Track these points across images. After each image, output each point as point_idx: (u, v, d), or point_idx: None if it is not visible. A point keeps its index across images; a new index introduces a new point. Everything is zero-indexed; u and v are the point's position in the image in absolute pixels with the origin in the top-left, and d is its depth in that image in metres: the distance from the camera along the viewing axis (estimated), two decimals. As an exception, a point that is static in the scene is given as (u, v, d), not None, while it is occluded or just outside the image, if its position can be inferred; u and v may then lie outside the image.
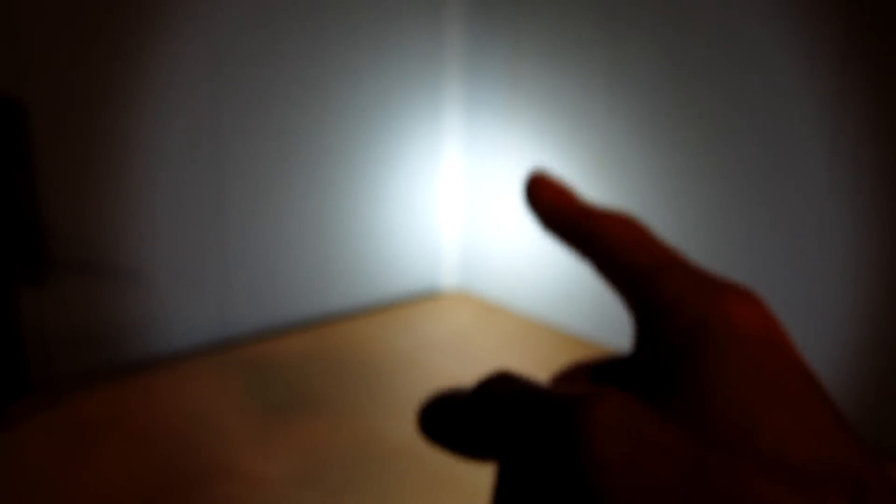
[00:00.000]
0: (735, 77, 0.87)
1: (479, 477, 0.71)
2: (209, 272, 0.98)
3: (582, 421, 0.15)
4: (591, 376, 0.19)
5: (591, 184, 1.04)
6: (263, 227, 1.02)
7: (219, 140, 0.96)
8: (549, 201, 0.19)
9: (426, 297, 1.20)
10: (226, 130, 0.96)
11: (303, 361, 0.95)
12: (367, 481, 0.70)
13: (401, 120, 1.13)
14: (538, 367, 0.96)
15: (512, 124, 1.13)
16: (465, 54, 1.17)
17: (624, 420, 0.14)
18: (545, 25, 1.06)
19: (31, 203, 0.83)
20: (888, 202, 0.77)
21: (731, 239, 0.90)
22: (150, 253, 0.93)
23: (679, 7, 0.91)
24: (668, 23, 0.92)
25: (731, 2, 0.86)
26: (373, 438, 0.77)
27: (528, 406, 0.16)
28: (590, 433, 0.14)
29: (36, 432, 0.76)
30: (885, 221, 0.78)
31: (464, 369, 0.94)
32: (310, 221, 1.06)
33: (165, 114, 0.91)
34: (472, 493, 0.69)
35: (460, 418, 0.18)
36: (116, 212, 0.89)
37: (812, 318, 0.84)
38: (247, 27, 0.96)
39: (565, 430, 0.15)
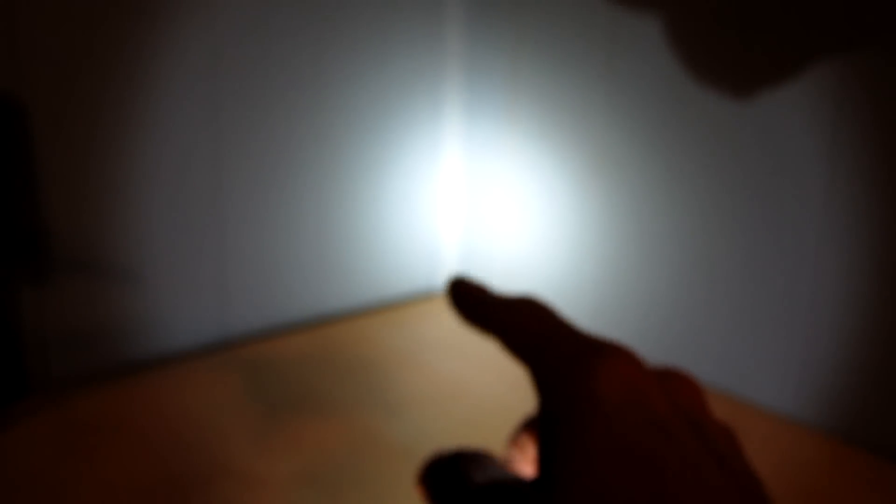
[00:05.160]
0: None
1: (479, 477, 0.71)
2: (209, 272, 0.98)
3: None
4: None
5: (589, 184, 1.04)
6: (263, 227, 1.02)
7: (218, 140, 0.96)
8: (465, 299, 0.22)
9: (425, 297, 1.20)
10: (225, 131, 0.96)
11: (303, 361, 0.95)
12: (367, 481, 0.70)
13: (401, 120, 1.13)
14: (538, 367, 0.96)
15: (512, 124, 1.13)
16: (465, 54, 1.17)
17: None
18: (545, 26, 1.06)
19: (31, 203, 0.83)
20: (887, 207, 0.77)
21: (729, 240, 0.90)
22: (150, 253, 0.93)
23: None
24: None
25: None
26: (372, 438, 0.77)
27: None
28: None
29: (35, 433, 0.76)
30: (884, 226, 0.78)
31: (463, 369, 0.94)
32: (309, 221, 1.06)
33: (165, 114, 0.91)
34: (471, 493, 0.69)
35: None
36: (116, 212, 0.89)
37: (811, 318, 0.84)
38: (247, 27, 0.96)
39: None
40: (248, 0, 0.95)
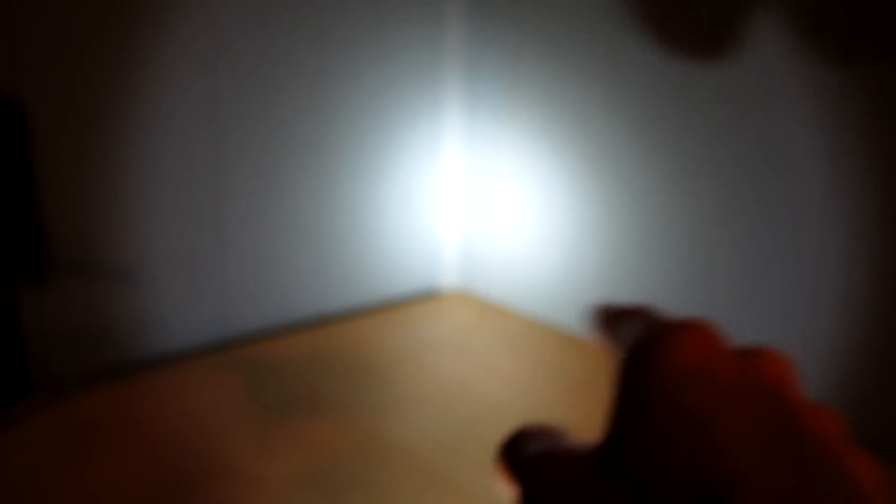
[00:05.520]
0: (734, 72, 0.87)
1: (477, 477, 0.71)
2: (209, 272, 0.98)
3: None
4: None
5: (589, 182, 1.04)
6: (263, 227, 1.02)
7: (218, 140, 0.96)
8: (607, 319, 0.24)
9: (426, 297, 1.20)
10: (225, 130, 0.96)
11: (303, 361, 0.95)
12: (367, 481, 0.70)
13: (401, 119, 1.13)
14: (538, 366, 0.96)
15: (512, 124, 1.13)
16: (465, 54, 1.17)
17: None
18: (545, 25, 1.06)
19: (31, 203, 0.83)
20: (886, 207, 0.77)
21: (728, 239, 0.90)
22: (150, 253, 0.93)
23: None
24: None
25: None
26: (373, 438, 0.77)
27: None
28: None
29: (36, 432, 0.76)
30: (883, 226, 0.78)
31: (464, 369, 0.94)
32: (310, 221, 1.06)
33: (165, 114, 0.91)
34: (470, 492, 0.69)
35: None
36: (116, 212, 0.89)
37: (810, 318, 0.84)
38: (246, 26, 0.96)
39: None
40: (246, 3, 0.95)
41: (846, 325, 0.82)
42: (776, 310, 0.87)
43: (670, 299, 0.97)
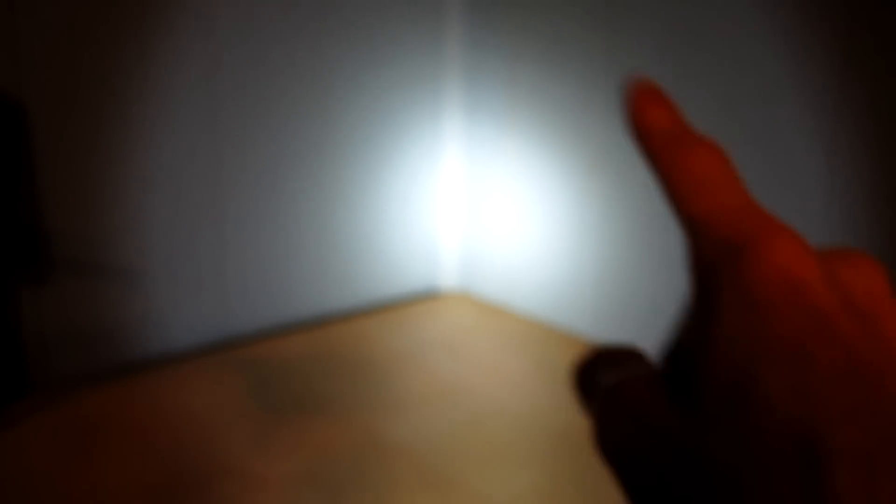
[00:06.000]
0: (732, 79, 0.87)
1: (477, 477, 0.71)
2: (209, 273, 0.98)
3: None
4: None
5: (588, 185, 1.04)
6: (263, 229, 1.02)
7: (218, 141, 0.96)
8: (644, 121, 0.18)
9: (426, 298, 1.20)
10: (225, 132, 0.96)
11: (303, 361, 0.95)
12: (367, 481, 0.70)
13: (401, 121, 1.13)
14: (538, 366, 0.96)
15: (512, 125, 1.13)
16: (465, 55, 1.17)
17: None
18: (545, 27, 1.06)
19: (31, 203, 0.83)
20: (887, 206, 0.77)
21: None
22: (150, 253, 0.93)
23: (677, 11, 0.91)
24: (667, 26, 0.93)
25: (729, 6, 0.86)
26: (372, 438, 0.77)
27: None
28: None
29: (36, 432, 0.76)
30: (883, 225, 0.78)
31: (463, 369, 0.94)
32: (310, 222, 1.06)
33: (165, 115, 0.91)
34: (469, 492, 0.69)
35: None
36: (116, 212, 0.89)
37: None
38: (247, 30, 0.96)
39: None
40: (247, 5, 0.95)
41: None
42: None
43: (668, 300, 0.97)
